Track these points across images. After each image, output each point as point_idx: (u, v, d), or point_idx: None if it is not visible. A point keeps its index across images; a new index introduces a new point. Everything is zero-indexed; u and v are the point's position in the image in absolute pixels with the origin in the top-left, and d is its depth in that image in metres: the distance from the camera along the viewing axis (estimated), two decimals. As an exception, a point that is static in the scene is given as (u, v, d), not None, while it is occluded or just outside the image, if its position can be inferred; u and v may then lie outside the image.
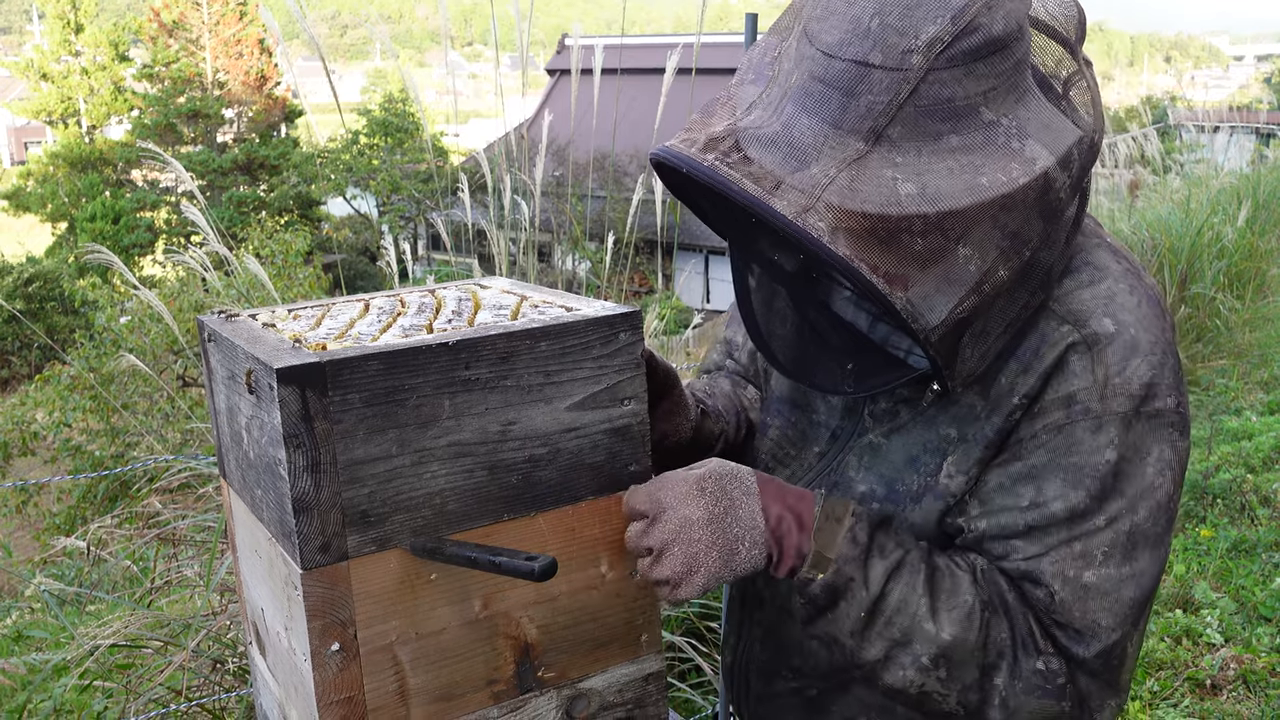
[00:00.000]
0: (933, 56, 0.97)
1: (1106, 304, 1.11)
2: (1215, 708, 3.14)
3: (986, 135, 1.00)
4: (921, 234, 0.97)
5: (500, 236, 4.08)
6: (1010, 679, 1.11)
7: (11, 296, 18.57)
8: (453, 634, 1.11)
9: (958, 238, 0.98)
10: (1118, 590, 1.10)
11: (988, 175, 0.98)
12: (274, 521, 1.08)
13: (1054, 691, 1.11)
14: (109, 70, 28.72)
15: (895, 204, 0.97)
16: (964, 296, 1.00)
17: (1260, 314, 7.39)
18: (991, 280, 1.01)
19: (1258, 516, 4.27)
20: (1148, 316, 1.12)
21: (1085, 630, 1.11)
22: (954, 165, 0.98)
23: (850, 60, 0.99)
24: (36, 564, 4.85)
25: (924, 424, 1.19)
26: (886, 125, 0.98)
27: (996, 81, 1.01)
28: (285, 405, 0.98)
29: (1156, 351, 1.10)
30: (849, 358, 1.23)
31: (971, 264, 0.99)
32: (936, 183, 0.98)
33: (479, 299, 1.30)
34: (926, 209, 0.97)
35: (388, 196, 23.31)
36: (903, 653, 1.12)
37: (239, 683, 2.70)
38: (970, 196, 0.98)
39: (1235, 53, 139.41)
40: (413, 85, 4.51)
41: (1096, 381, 1.09)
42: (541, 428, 1.12)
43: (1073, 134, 1.05)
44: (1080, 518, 1.10)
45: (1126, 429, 1.08)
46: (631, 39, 23.42)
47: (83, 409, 8.33)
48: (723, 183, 1.01)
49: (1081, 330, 1.10)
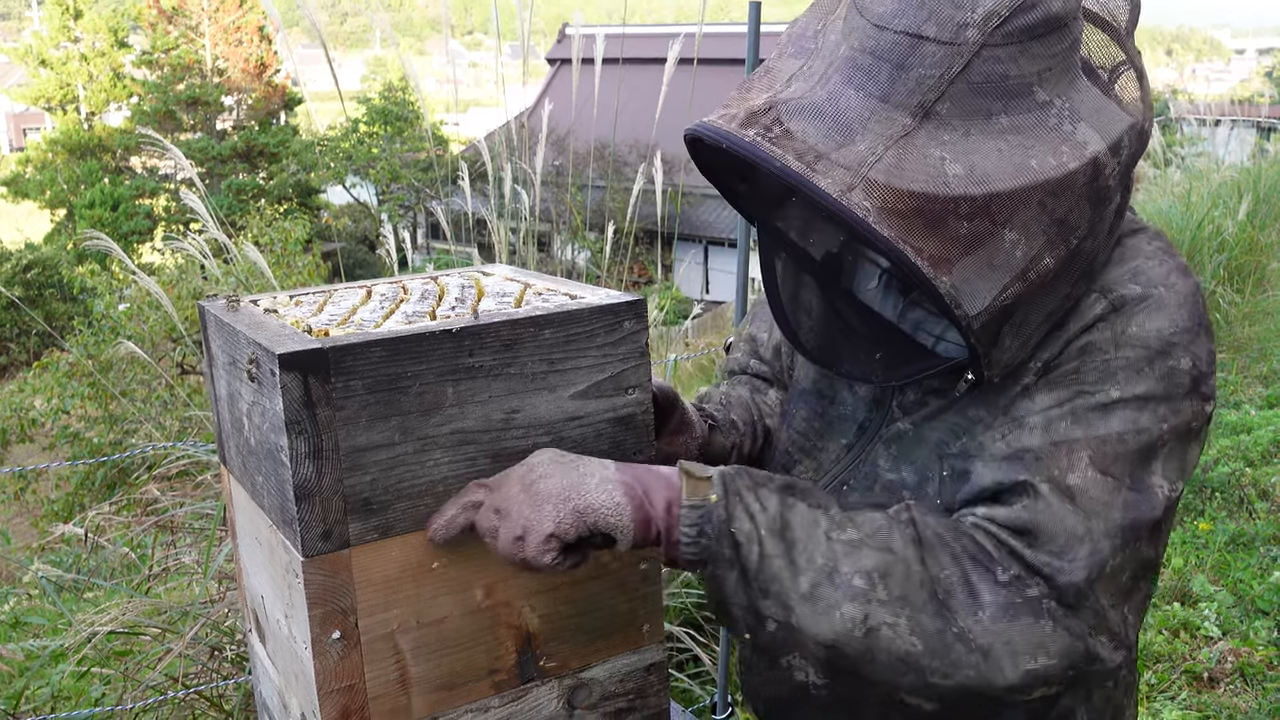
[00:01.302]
0: (988, 31, 0.95)
1: (1134, 275, 1.09)
2: (1212, 700, 3.14)
3: (1038, 116, 0.97)
4: (968, 217, 0.94)
5: (500, 226, 4.07)
6: (971, 606, 0.99)
7: (10, 283, 18.54)
8: (454, 623, 1.11)
9: (1004, 222, 0.95)
10: (1107, 508, 1.01)
11: (1038, 158, 0.96)
12: (275, 508, 1.07)
13: (1029, 606, 0.99)
14: (108, 56, 28.62)
15: (942, 185, 0.94)
16: (1009, 284, 0.97)
17: (1260, 308, 7.38)
18: (1037, 267, 0.98)
19: (1256, 510, 4.28)
20: (1176, 282, 1.08)
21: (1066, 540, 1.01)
22: (1003, 146, 0.96)
23: (902, 32, 0.96)
24: (35, 551, 4.85)
25: (954, 411, 1.15)
26: (936, 101, 0.95)
27: (1051, 62, 0.98)
28: (287, 391, 0.97)
29: (1182, 314, 1.06)
30: (877, 346, 1.21)
31: (1018, 250, 0.96)
32: (985, 164, 0.95)
33: (482, 286, 1.29)
34: (974, 191, 0.94)
35: (387, 185, 23.28)
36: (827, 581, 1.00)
37: (237, 670, 2.69)
38: (1019, 179, 0.95)
39: (1237, 46, 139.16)
40: (413, 73, 4.50)
41: (1114, 333, 1.06)
42: (545, 416, 1.11)
43: (1124, 120, 1.02)
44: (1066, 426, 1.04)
45: (1135, 375, 1.04)
46: (633, 28, 23.35)
47: (81, 396, 8.33)
48: (764, 158, 0.98)
49: (1109, 296, 1.07)
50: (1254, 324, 7.13)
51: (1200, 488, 4.47)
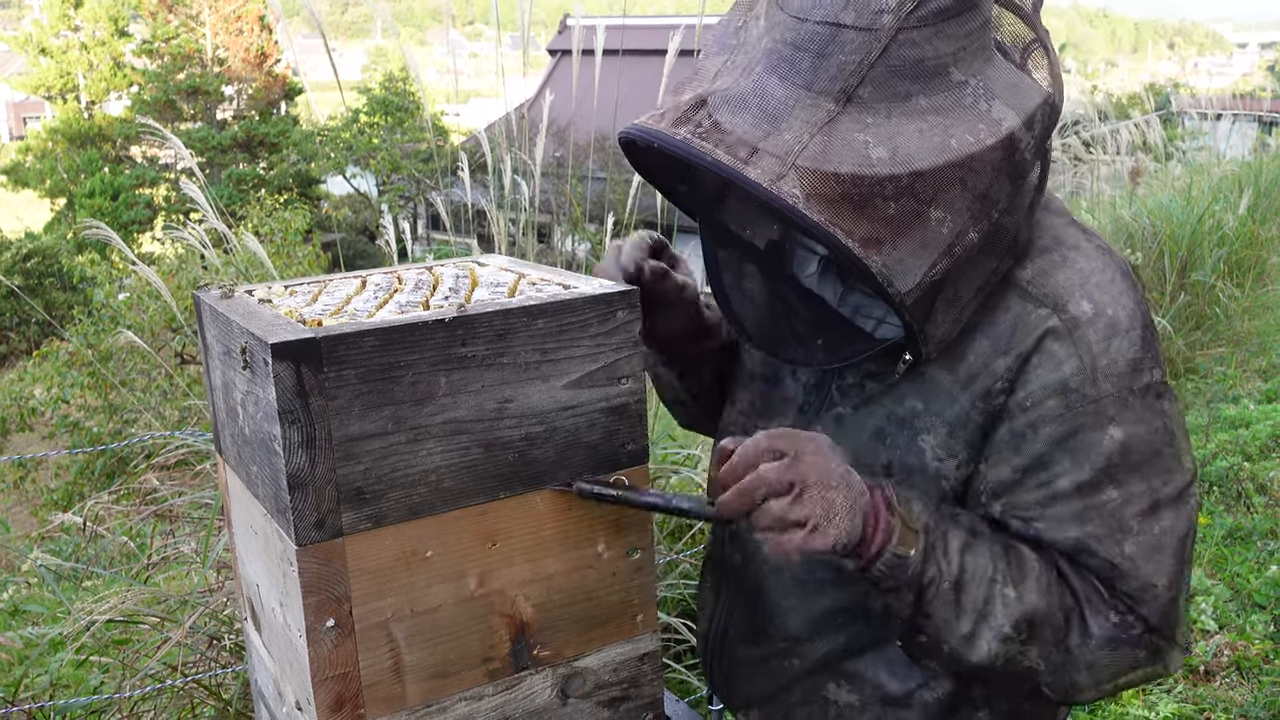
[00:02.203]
0: (903, 15, 0.99)
1: (1082, 285, 1.12)
2: (1208, 693, 3.15)
3: (955, 96, 1.01)
4: (894, 198, 0.98)
5: (500, 217, 4.07)
6: (1083, 638, 1.14)
7: (10, 272, 18.52)
8: (448, 611, 1.11)
9: (929, 200, 0.99)
10: (1160, 554, 1.13)
11: (956, 137, 1.00)
12: (269, 498, 1.07)
13: (1130, 641, 1.14)
14: (108, 45, 28.55)
15: (868, 168, 0.98)
16: (937, 259, 1.01)
17: (1260, 302, 7.37)
18: (963, 242, 1.02)
19: (1254, 504, 4.28)
20: (1123, 293, 1.13)
21: (1142, 593, 1.13)
22: (923, 126, 1.00)
23: (821, 21, 1.00)
24: (34, 539, 4.86)
25: (891, 398, 1.20)
26: (857, 86, 0.99)
27: (965, 41, 1.02)
28: (280, 381, 0.97)
29: (1135, 327, 1.12)
30: (819, 332, 1.24)
31: (944, 226, 1.01)
32: (907, 145, 0.99)
33: (476, 276, 1.29)
34: (898, 172, 0.98)
35: (388, 176, 23.23)
36: (984, 625, 1.12)
37: (235, 659, 2.70)
38: (940, 158, 0.99)
39: (1239, 40, 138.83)
40: (413, 64, 4.49)
41: (1084, 366, 1.10)
42: (538, 406, 1.11)
43: (1038, 95, 1.06)
44: (1091, 490, 1.12)
45: (1124, 407, 1.11)
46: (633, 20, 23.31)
47: (81, 385, 8.33)
48: (695, 154, 1.01)
49: (1061, 315, 1.11)
50: (1254, 318, 7.12)
51: (1198, 482, 4.48)
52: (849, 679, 1.30)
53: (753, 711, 1.42)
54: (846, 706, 1.31)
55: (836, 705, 1.32)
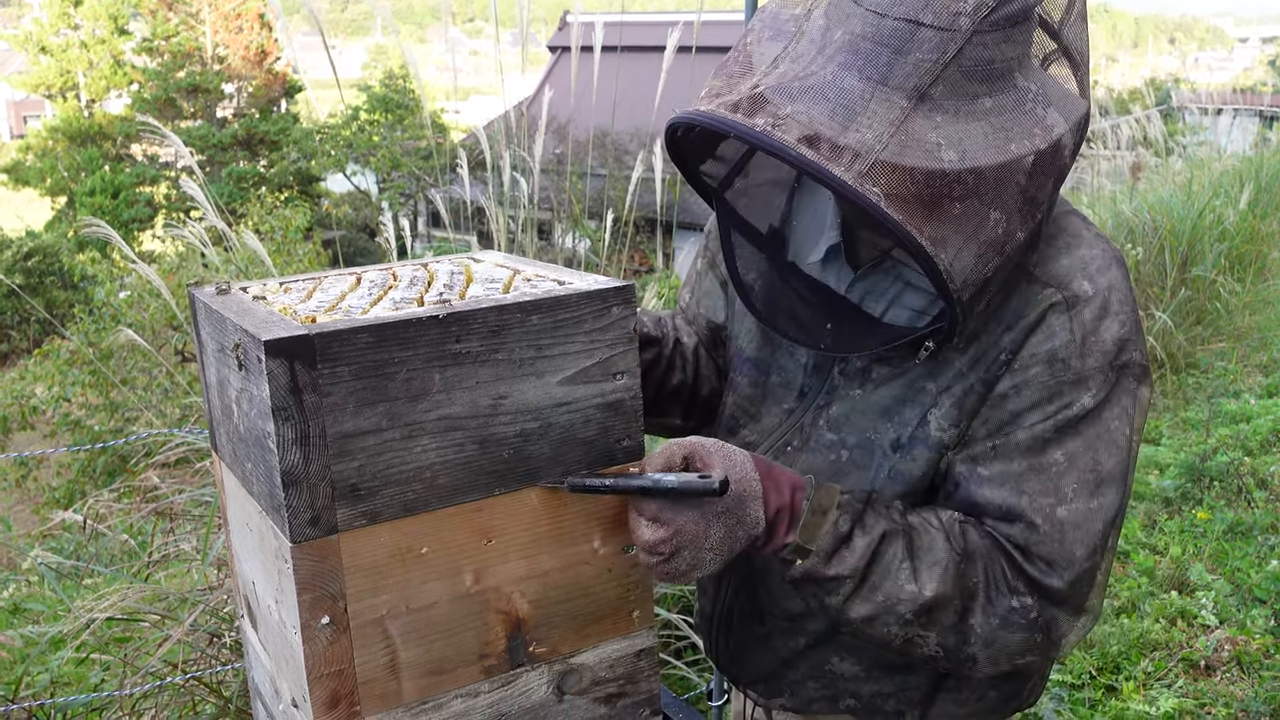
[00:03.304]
0: (979, 19, 1.02)
1: (1083, 268, 1.19)
2: (1209, 688, 3.15)
3: (1016, 99, 1.06)
4: (961, 198, 1.02)
5: (499, 214, 4.07)
6: (985, 617, 1.19)
7: (11, 271, 18.54)
8: (444, 608, 1.11)
9: (990, 201, 1.04)
10: (1088, 523, 1.18)
11: (1016, 141, 1.04)
12: (264, 495, 1.07)
13: (1027, 625, 1.19)
14: (108, 44, 28.54)
15: (939, 169, 1.01)
16: (992, 259, 1.06)
17: (1260, 297, 7.37)
18: (1013, 242, 1.07)
19: (1254, 499, 4.28)
20: (1117, 279, 1.19)
21: (1060, 561, 1.18)
22: (987, 129, 1.04)
23: (901, 19, 1.02)
24: (35, 537, 4.87)
25: (903, 380, 1.25)
26: (931, 84, 1.02)
27: (1025, 48, 1.08)
28: (274, 378, 0.97)
29: (1125, 310, 1.18)
30: (828, 318, 1.28)
31: (1000, 227, 1.05)
32: (974, 148, 1.02)
33: (471, 273, 1.29)
34: (966, 175, 1.02)
35: (388, 173, 23.21)
36: (886, 613, 1.19)
37: (235, 657, 2.70)
38: (1001, 160, 1.03)
39: (1240, 35, 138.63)
40: (413, 61, 4.49)
41: (1075, 339, 1.16)
42: (533, 402, 1.11)
43: (1081, 105, 1.12)
44: (1040, 448, 1.17)
45: (1103, 380, 1.17)
46: (633, 16, 23.29)
47: (82, 384, 8.34)
48: (778, 147, 1.03)
49: (1064, 292, 1.17)
50: (1254, 313, 7.12)
51: (1199, 477, 4.47)
52: (850, 651, 1.36)
53: (759, 686, 1.47)
54: (851, 677, 1.37)
55: (842, 677, 1.38)
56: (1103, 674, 3.27)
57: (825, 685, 1.40)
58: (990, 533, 1.21)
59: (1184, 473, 4.51)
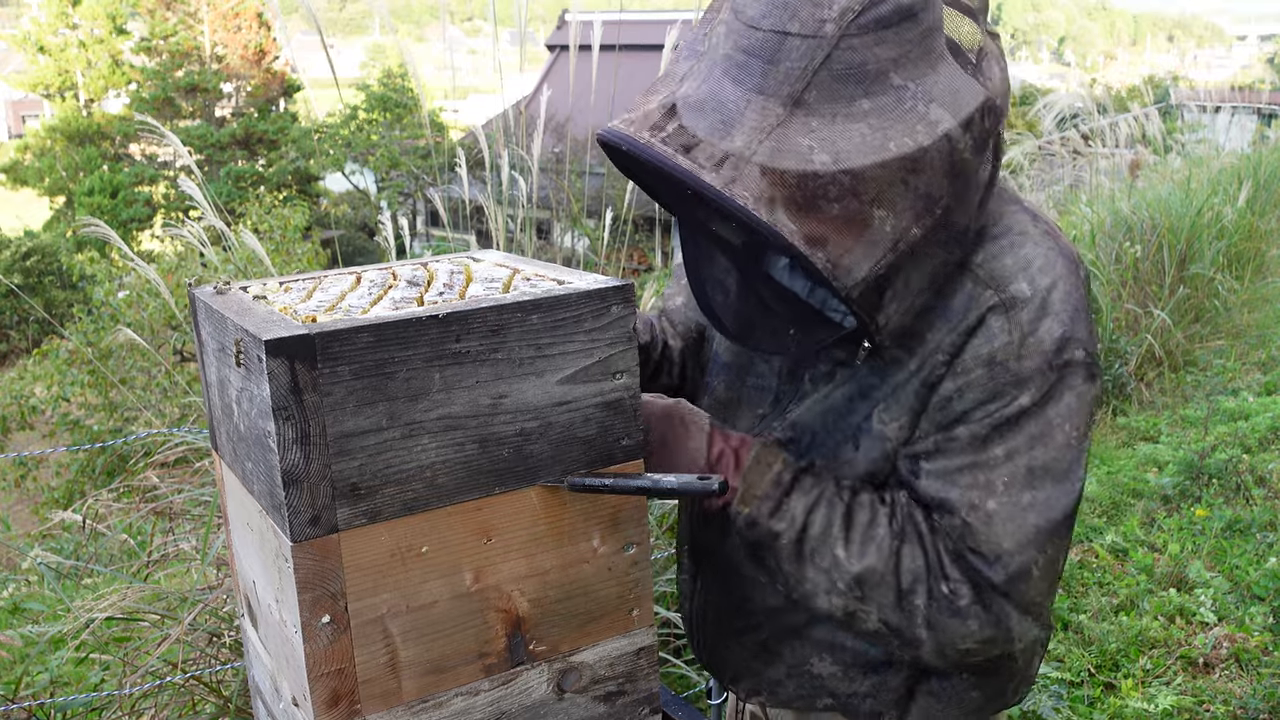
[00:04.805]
0: (845, 25, 1.06)
1: (1025, 269, 1.20)
2: (1208, 686, 3.15)
3: (895, 98, 1.08)
4: (837, 199, 1.06)
5: (498, 213, 4.07)
6: (929, 600, 1.21)
7: (9, 271, 18.54)
8: (444, 607, 1.11)
9: (871, 200, 1.06)
10: (1021, 517, 1.19)
11: (895, 140, 1.07)
12: (264, 494, 1.07)
13: (961, 611, 1.21)
14: (106, 43, 28.53)
15: (812, 171, 1.05)
16: (881, 256, 1.09)
17: (1259, 295, 7.37)
18: (906, 239, 1.09)
19: (1253, 496, 4.28)
20: (1062, 277, 1.20)
21: (991, 554, 1.19)
22: (865, 129, 1.06)
23: (770, 30, 1.07)
24: (34, 537, 4.86)
25: (855, 380, 1.29)
26: (804, 90, 1.06)
27: (906, 48, 1.08)
28: (274, 377, 0.97)
29: (1067, 309, 1.19)
30: (790, 324, 1.31)
31: (887, 224, 1.08)
32: (849, 149, 1.06)
33: (471, 272, 1.29)
34: (841, 176, 1.05)
35: (386, 172, 23.22)
36: (823, 578, 1.24)
37: (235, 656, 2.70)
38: (879, 160, 1.06)
39: (1238, 32, 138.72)
40: (411, 60, 4.49)
41: (1013, 341, 1.18)
42: (532, 401, 1.11)
43: (977, 97, 1.11)
44: (986, 446, 1.19)
45: (1042, 381, 1.18)
46: (631, 15, 23.27)
47: (81, 383, 8.34)
48: (658, 158, 1.09)
49: (1001, 294, 1.20)
50: (1253, 310, 7.13)
51: (1197, 474, 4.48)
52: (829, 650, 1.37)
53: (742, 684, 1.48)
54: (830, 676, 1.38)
55: (819, 677, 1.39)
56: (1101, 671, 3.28)
57: (802, 684, 1.41)
58: (934, 523, 1.24)
59: (1182, 470, 4.52)
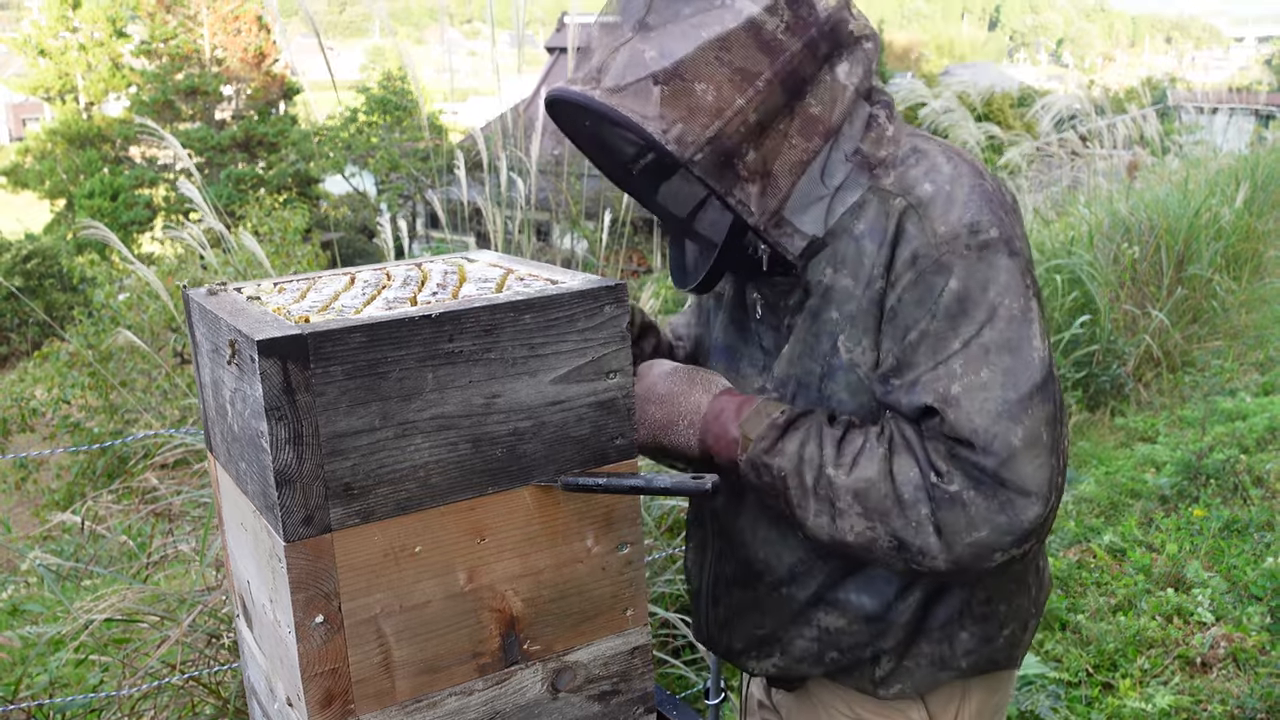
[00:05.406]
0: None
1: (928, 173, 1.31)
2: (1205, 685, 3.15)
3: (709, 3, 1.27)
4: (665, 81, 1.24)
5: (497, 214, 4.07)
6: (932, 505, 1.24)
7: (10, 273, 18.54)
8: (437, 607, 1.12)
9: (693, 78, 1.24)
10: (985, 392, 1.23)
11: (706, 29, 1.25)
12: (258, 494, 1.08)
13: (962, 502, 1.23)
14: (107, 46, 28.55)
15: (643, 67, 1.25)
16: (710, 121, 1.23)
17: (1256, 295, 7.38)
18: (731, 107, 1.24)
19: (1250, 497, 4.28)
20: (963, 175, 1.30)
21: (969, 437, 1.23)
22: (685, 28, 1.26)
23: None
24: (34, 539, 4.87)
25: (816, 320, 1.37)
26: (645, 14, 1.29)
27: None
28: (267, 377, 0.98)
29: (974, 198, 1.28)
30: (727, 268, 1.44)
31: (709, 95, 1.24)
32: (672, 45, 1.26)
33: (465, 272, 1.30)
34: (665, 64, 1.24)
35: (386, 174, 23.23)
36: (828, 507, 1.29)
37: (234, 657, 2.71)
38: (691, 44, 1.24)
39: (1236, 34, 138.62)
40: (411, 63, 4.49)
41: (927, 235, 1.27)
42: (526, 401, 1.12)
43: None
44: (939, 342, 1.25)
45: (963, 262, 1.25)
46: (631, 17, 23.15)
47: (81, 386, 8.34)
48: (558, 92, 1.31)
49: (908, 198, 1.30)
50: (1250, 311, 7.13)
51: (1195, 474, 4.48)
52: (834, 605, 1.42)
53: (751, 650, 1.51)
54: (836, 630, 1.43)
55: (827, 631, 1.44)
56: (1099, 671, 3.28)
57: (814, 640, 1.45)
58: (921, 431, 1.28)
59: (1180, 470, 4.52)
